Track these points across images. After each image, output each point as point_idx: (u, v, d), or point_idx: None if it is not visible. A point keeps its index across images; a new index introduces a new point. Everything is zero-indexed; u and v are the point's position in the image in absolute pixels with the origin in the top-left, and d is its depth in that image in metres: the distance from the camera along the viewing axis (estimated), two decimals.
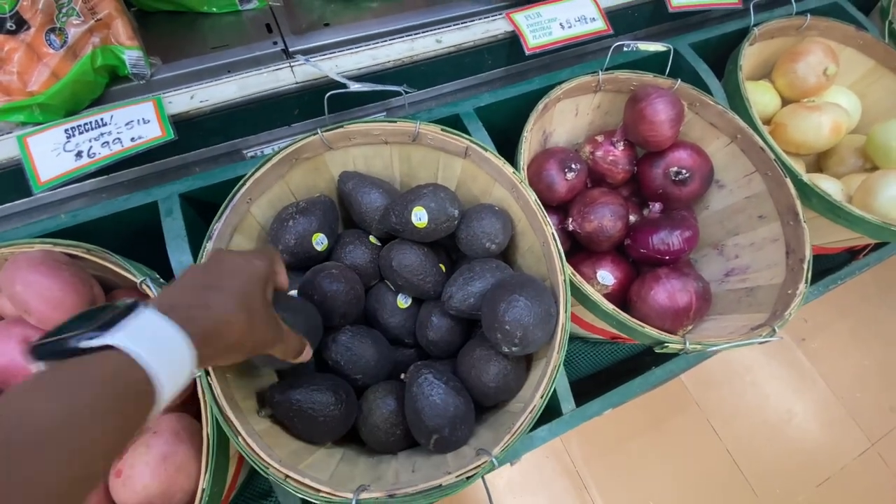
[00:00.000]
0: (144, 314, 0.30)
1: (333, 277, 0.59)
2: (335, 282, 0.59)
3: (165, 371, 0.28)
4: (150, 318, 0.30)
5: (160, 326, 0.30)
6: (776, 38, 0.95)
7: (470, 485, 0.47)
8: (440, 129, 0.64)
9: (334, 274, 0.59)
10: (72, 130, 0.61)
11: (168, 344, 0.30)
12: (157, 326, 0.30)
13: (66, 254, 0.54)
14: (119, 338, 0.27)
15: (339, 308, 0.58)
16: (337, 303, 0.58)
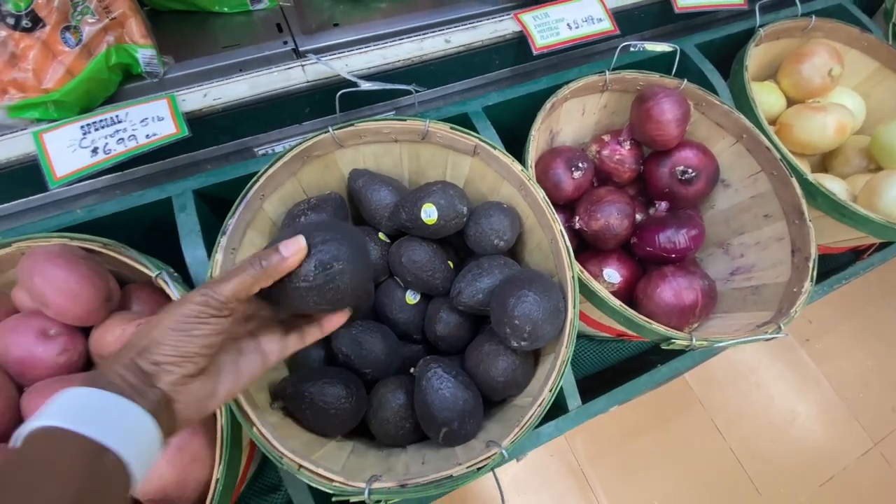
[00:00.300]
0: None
1: None
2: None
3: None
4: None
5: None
6: (781, 39, 0.95)
7: (480, 476, 0.47)
8: (449, 128, 0.64)
9: None
10: (87, 127, 0.62)
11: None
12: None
13: (83, 248, 0.55)
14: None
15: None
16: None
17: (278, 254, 0.35)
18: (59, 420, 0.27)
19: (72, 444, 0.27)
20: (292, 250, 0.36)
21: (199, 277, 0.59)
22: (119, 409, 0.29)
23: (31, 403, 0.48)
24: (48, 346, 0.52)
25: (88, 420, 0.28)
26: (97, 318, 0.54)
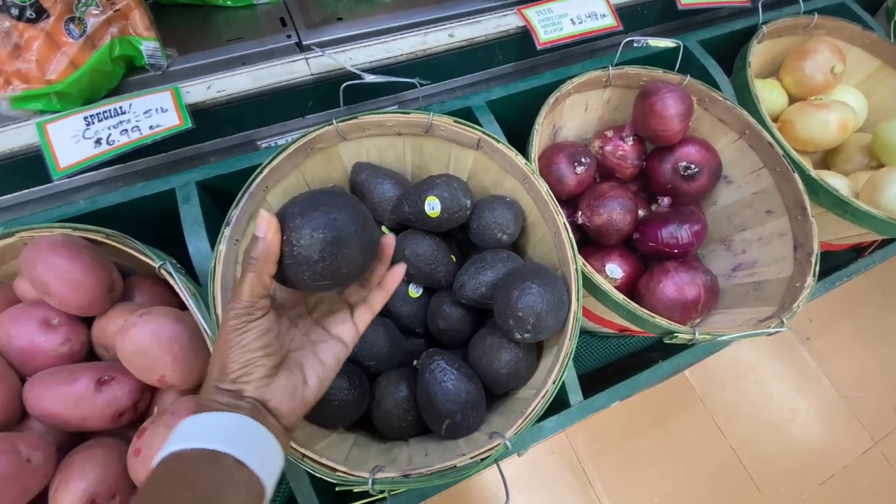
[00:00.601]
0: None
1: None
2: None
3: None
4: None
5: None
6: (784, 36, 0.96)
7: (484, 468, 0.47)
8: (453, 121, 0.64)
9: None
10: (91, 118, 0.62)
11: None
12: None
13: (86, 238, 0.55)
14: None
15: None
16: None
17: (256, 238, 0.36)
18: (189, 442, 0.31)
19: (204, 459, 0.31)
20: (263, 229, 0.35)
21: (203, 269, 0.59)
22: (225, 422, 0.33)
23: (33, 393, 0.48)
24: (51, 336, 0.52)
25: (202, 436, 0.31)
26: (100, 308, 0.54)
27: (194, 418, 0.33)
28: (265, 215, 0.35)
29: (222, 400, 0.34)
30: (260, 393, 0.35)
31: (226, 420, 0.33)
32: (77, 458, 0.46)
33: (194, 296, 0.51)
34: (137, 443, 0.47)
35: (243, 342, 0.35)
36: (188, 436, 0.32)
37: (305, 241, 0.35)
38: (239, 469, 0.31)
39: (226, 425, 0.32)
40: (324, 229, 0.36)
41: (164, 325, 0.49)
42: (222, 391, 0.35)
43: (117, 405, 0.49)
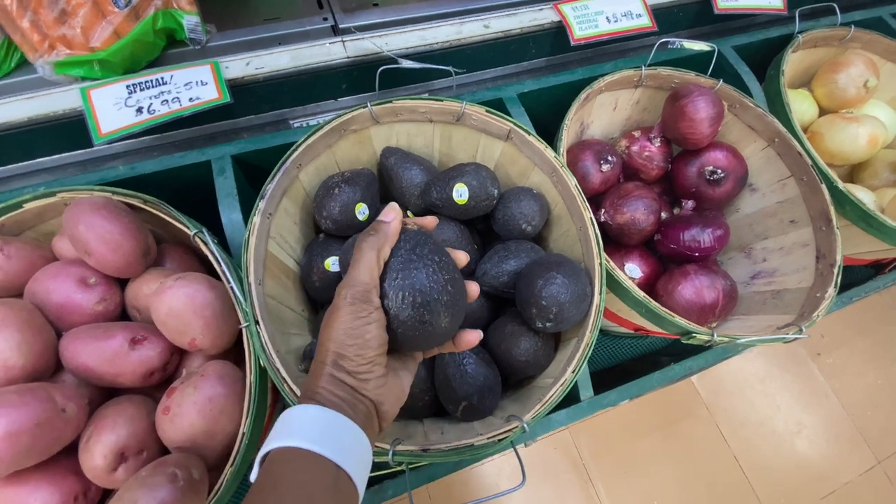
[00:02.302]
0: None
1: None
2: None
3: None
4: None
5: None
6: (819, 47, 0.95)
7: (500, 450, 0.49)
8: (485, 111, 0.65)
9: None
10: (133, 87, 0.64)
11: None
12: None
13: (124, 203, 0.56)
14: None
15: None
16: None
17: (380, 222, 0.36)
18: (301, 441, 0.29)
19: (316, 465, 0.29)
20: (391, 216, 0.36)
21: (234, 240, 0.60)
22: (343, 429, 0.31)
23: (70, 347, 0.49)
24: (87, 295, 0.53)
25: (324, 441, 0.30)
26: (135, 270, 0.56)
27: (312, 410, 0.31)
28: (395, 206, 0.37)
29: (340, 394, 0.33)
30: (377, 395, 0.34)
31: (348, 430, 0.31)
32: (109, 412, 0.48)
33: (227, 264, 0.52)
34: (167, 401, 0.49)
35: (367, 335, 0.33)
36: (310, 433, 0.30)
37: (403, 307, 0.34)
38: (352, 491, 0.30)
39: (348, 436, 0.31)
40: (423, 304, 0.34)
41: (199, 291, 0.51)
42: (340, 382, 0.33)
43: (149, 364, 0.51)
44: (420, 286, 0.35)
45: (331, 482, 0.29)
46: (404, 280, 0.35)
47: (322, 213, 0.64)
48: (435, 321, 0.35)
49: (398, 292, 0.34)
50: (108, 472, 0.46)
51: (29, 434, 0.42)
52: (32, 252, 0.56)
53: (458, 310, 0.37)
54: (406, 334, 0.35)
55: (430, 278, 0.35)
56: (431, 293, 0.35)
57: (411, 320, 0.34)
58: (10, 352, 0.47)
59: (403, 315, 0.34)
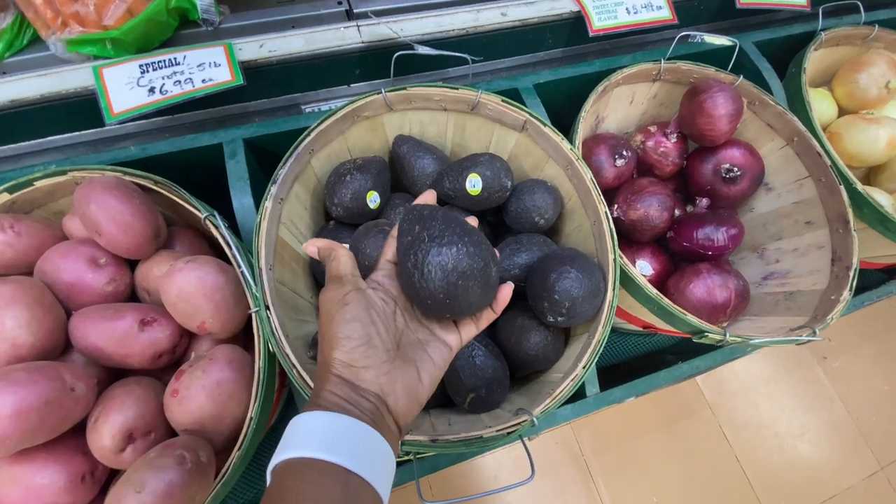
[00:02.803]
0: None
1: (385, 234, 0.60)
2: (387, 238, 0.60)
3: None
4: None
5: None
6: (841, 45, 0.93)
7: (509, 442, 0.48)
8: (500, 100, 0.64)
9: (386, 230, 0.60)
10: (146, 66, 0.63)
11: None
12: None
13: (135, 183, 0.56)
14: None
15: None
16: None
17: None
18: (305, 450, 0.29)
19: (319, 471, 0.28)
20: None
21: (246, 225, 0.60)
22: (346, 429, 0.30)
23: (80, 326, 0.49)
24: (97, 275, 0.53)
25: (325, 447, 0.29)
26: (145, 252, 0.55)
27: (316, 416, 0.31)
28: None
29: (340, 393, 0.32)
30: (379, 385, 0.33)
31: (352, 429, 0.30)
32: (117, 393, 0.48)
33: (238, 248, 0.52)
34: (175, 384, 0.49)
35: (348, 315, 0.33)
36: (313, 441, 0.30)
37: (434, 273, 0.35)
38: (367, 492, 0.29)
39: (353, 436, 0.30)
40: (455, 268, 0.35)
41: (209, 274, 0.50)
42: (339, 381, 0.32)
43: (158, 346, 0.51)
44: (453, 253, 0.35)
45: (338, 486, 0.28)
46: (439, 245, 0.35)
47: (333, 200, 0.63)
48: (468, 279, 0.35)
49: (427, 256, 0.35)
50: (116, 453, 0.46)
51: (37, 412, 0.42)
52: (43, 231, 0.56)
53: (487, 277, 0.37)
54: (438, 292, 0.35)
55: (461, 248, 0.36)
56: (462, 258, 0.35)
57: (442, 278, 0.35)
58: (19, 329, 0.46)
59: (435, 275, 0.35)
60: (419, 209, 0.40)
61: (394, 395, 0.33)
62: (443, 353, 0.38)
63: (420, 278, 0.35)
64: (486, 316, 0.42)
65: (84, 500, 0.47)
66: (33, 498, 0.44)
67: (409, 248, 0.37)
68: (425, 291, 0.35)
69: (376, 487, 0.29)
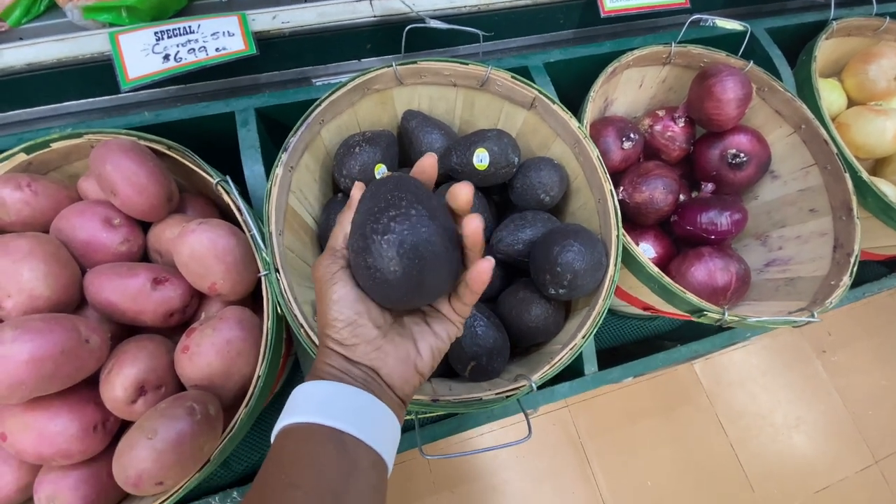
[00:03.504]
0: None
1: None
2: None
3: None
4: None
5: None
6: (853, 35, 0.93)
7: (506, 404, 0.50)
8: (510, 76, 0.65)
9: None
10: (161, 34, 0.64)
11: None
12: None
13: (149, 147, 0.57)
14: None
15: None
16: None
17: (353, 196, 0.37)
18: (311, 416, 0.30)
19: (314, 435, 0.30)
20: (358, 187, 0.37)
21: (256, 192, 0.61)
22: (339, 395, 0.31)
23: (95, 282, 0.51)
24: (112, 235, 0.54)
25: (319, 411, 0.30)
26: (158, 214, 0.57)
27: (313, 385, 0.32)
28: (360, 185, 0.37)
29: (335, 364, 0.33)
30: (370, 359, 0.33)
31: (345, 394, 0.31)
32: (130, 347, 0.50)
33: (249, 213, 0.53)
34: (186, 341, 0.50)
35: (335, 295, 0.33)
36: (308, 407, 0.31)
37: (385, 259, 0.30)
38: (364, 451, 0.30)
39: (345, 399, 0.31)
40: (407, 251, 0.30)
41: (221, 236, 0.51)
42: (332, 353, 0.34)
43: (170, 305, 0.52)
44: (388, 230, 0.30)
45: (332, 447, 0.29)
46: (374, 225, 0.30)
47: (342, 172, 0.64)
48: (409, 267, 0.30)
49: (366, 240, 0.30)
50: (128, 404, 0.48)
51: (52, 360, 0.43)
52: (59, 191, 0.57)
53: (440, 259, 0.31)
54: (383, 285, 0.31)
55: (403, 222, 0.30)
56: (408, 238, 0.29)
57: (384, 269, 0.30)
58: (35, 282, 0.48)
59: (374, 263, 0.30)
60: (376, 184, 0.35)
61: (386, 367, 0.34)
62: (447, 327, 0.38)
63: (370, 264, 0.31)
64: (468, 296, 0.38)
65: (95, 450, 0.49)
66: (46, 444, 0.46)
67: (357, 230, 0.32)
68: (378, 278, 0.31)
69: (375, 447, 0.30)
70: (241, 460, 0.71)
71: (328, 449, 0.29)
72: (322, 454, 0.29)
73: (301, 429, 0.30)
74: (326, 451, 0.29)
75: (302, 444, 0.30)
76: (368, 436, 0.30)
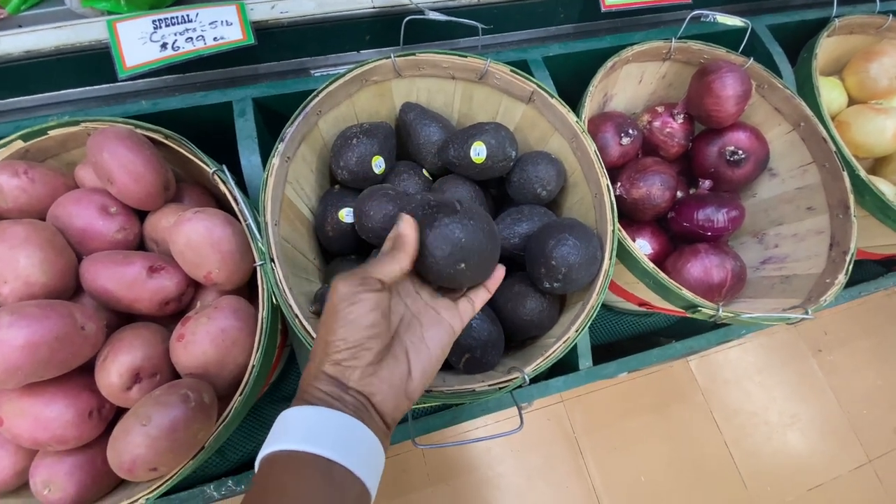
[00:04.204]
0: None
1: (389, 198, 0.61)
2: (391, 202, 0.61)
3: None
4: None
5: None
6: (854, 34, 0.92)
7: (499, 395, 0.50)
8: (509, 70, 0.64)
9: (390, 195, 0.61)
10: (159, 22, 0.64)
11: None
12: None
13: (146, 136, 0.57)
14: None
15: (391, 227, 0.61)
16: (390, 222, 0.61)
17: (400, 235, 0.38)
18: (298, 443, 0.30)
19: (301, 463, 0.29)
20: (408, 227, 0.38)
21: (253, 183, 0.61)
22: (329, 422, 0.31)
23: (90, 270, 0.51)
24: (108, 222, 0.55)
25: (307, 439, 0.30)
26: (155, 203, 0.57)
27: (301, 411, 0.31)
28: (407, 219, 0.39)
29: (325, 389, 0.32)
30: (364, 385, 0.33)
31: (335, 421, 0.31)
32: (126, 335, 0.50)
33: (245, 203, 0.53)
34: (182, 329, 0.50)
35: (351, 315, 0.32)
36: (296, 434, 0.30)
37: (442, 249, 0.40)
38: (351, 482, 0.29)
39: (335, 428, 0.31)
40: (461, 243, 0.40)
41: (217, 225, 0.52)
42: (325, 377, 0.33)
43: (165, 293, 0.52)
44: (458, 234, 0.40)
45: (319, 476, 0.29)
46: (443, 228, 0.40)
47: (339, 163, 0.64)
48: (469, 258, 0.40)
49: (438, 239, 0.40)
50: (123, 391, 0.48)
51: (48, 346, 0.44)
52: (55, 179, 0.57)
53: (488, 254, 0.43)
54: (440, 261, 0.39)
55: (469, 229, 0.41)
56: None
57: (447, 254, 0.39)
58: (31, 268, 0.48)
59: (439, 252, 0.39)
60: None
61: (381, 394, 0.33)
62: (442, 338, 0.39)
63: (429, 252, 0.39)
64: (482, 296, 0.45)
65: (90, 436, 0.49)
66: (42, 429, 0.46)
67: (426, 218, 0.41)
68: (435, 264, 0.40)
69: (361, 477, 0.30)
70: (236, 449, 0.72)
71: (315, 479, 0.29)
72: (309, 485, 0.28)
73: (287, 457, 0.29)
74: (314, 482, 0.29)
75: (288, 473, 0.29)
76: (357, 466, 0.30)
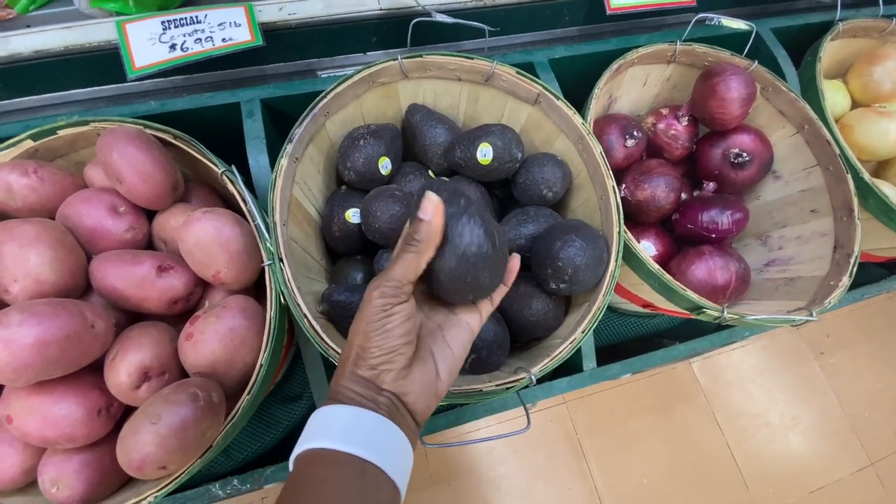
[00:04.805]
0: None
1: (396, 199, 0.62)
2: (397, 203, 0.61)
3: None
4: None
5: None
6: (858, 37, 0.93)
7: (506, 396, 0.50)
8: (515, 72, 0.65)
9: (397, 195, 0.62)
10: (168, 23, 0.64)
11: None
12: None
13: (155, 136, 0.57)
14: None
15: (399, 228, 0.61)
16: (396, 223, 0.61)
17: (420, 220, 0.35)
18: (334, 442, 0.30)
19: (336, 461, 0.30)
20: (429, 212, 0.35)
21: (261, 183, 0.61)
22: (362, 422, 0.32)
23: (100, 269, 0.51)
24: (117, 222, 0.55)
25: (342, 438, 0.31)
26: (164, 202, 0.57)
27: (336, 410, 0.32)
28: (433, 198, 0.35)
29: (359, 390, 0.33)
30: (398, 386, 0.34)
31: (369, 421, 0.32)
32: (134, 334, 0.50)
33: (253, 203, 0.53)
34: (190, 328, 0.51)
35: (387, 326, 0.33)
36: (332, 433, 0.31)
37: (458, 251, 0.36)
38: (384, 481, 0.30)
39: (369, 428, 0.32)
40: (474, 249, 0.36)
41: (225, 225, 0.52)
42: (359, 378, 0.34)
43: (174, 292, 0.53)
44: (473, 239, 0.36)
45: (355, 475, 0.29)
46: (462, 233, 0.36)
47: (346, 164, 0.64)
48: (481, 273, 0.37)
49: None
50: (132, 389, 0.48)
51: (58, 344, 0.44)
52: (65, 178, 0.57)
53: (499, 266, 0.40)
54: (453, 277, 0.36)
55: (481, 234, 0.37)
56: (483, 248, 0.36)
57: (459, 268, 0.36)
58: (42, 267, 0.48)
59: (452, 263, 0.36)
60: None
61: (413, 394, 0.34)
62: (462, 338, 0.39)
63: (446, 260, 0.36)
64: (500, 291, 0.44)
65: (99, 434, 0.49)
66: (51, 427, 0.47)
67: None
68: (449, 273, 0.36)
69: (393, 477, 0.31)
70: (242, 449, 0.72)
71: (351, 478, 0.29)
72: (345, 482, 0.29)
73: (323, 455, 0.30)
74: (349, 480, 0.29)
75: (324, 470, 0.30)
76: (389, 466, 0.31)
